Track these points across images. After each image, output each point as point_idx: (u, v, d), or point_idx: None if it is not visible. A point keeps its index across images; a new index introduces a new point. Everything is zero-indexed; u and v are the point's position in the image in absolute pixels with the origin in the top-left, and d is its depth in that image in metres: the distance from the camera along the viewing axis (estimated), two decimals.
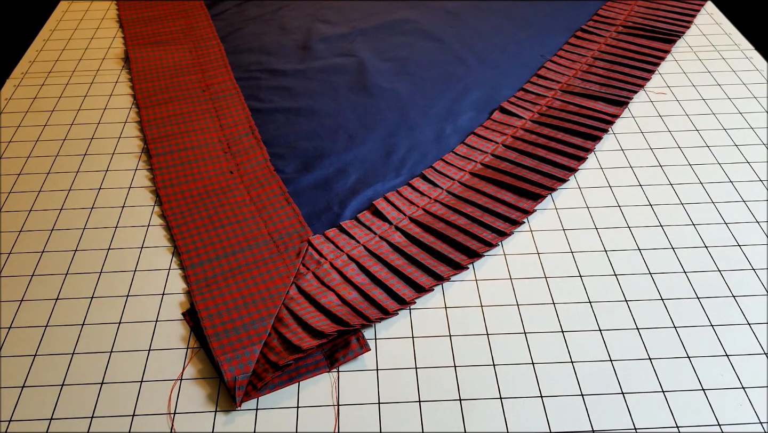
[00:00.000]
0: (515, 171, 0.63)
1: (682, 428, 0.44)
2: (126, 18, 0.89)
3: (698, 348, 0.49)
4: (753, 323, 0.51)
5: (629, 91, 0.73)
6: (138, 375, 0.47)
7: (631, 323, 0.51)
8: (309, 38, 0.85)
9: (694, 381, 0.47)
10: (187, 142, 0.68)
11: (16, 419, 0.45)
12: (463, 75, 0.78)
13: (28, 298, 0.53)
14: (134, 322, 0.51)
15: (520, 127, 0.69)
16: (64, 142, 0.69)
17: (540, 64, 0.79)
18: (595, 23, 0.85)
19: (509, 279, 0.54)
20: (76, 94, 0.76)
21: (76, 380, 0.47)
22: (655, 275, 0.54)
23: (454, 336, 0.50)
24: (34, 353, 0.49)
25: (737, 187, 0.63)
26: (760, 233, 0.58)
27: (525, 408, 0.45)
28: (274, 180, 0.63)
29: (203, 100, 0.74)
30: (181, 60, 0.80)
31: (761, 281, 0.54)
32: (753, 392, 0.46)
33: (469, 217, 0.59)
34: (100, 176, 0.65)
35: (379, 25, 0.87)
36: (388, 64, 0.80)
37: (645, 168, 0.65)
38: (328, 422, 0.44)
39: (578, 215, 0.60)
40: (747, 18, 0.92)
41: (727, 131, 0.69)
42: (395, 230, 0.58)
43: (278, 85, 0.77)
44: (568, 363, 0.48)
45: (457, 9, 0.91)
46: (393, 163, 0.66)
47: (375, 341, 0.50)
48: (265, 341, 0.49)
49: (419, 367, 0.48)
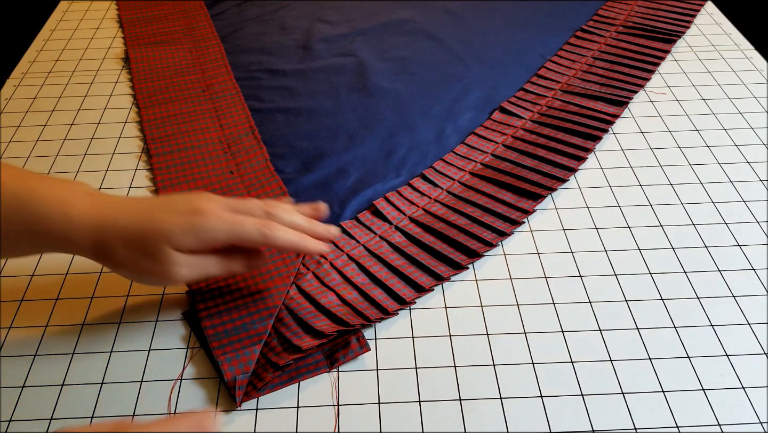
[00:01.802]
0: (515, 171, 0.63)
1: (682, 428, 0.44)
2: (126, 18, 0.89)
3: (698, 348, 0.49)
4: (753, 323, 0.51)
5: (629, 91, 0.73)
6: (138, 375, 0.47)
7: (631, 323, 0.51)
8: (309, 38, 0.85)
9: (694, 381, 0.47)
10: (187, 142, 0.68)
11: (16, 419, 0.45)
12: (463, 75, 0.78)
13: (28, 298, 0.53)
14: (134, 322, 0.51)
15: (520, 127, 0.69)
16: (64, 142, 0.69)
17: (540, 64, 0.79)
18: (595, 23, 0.85)
19: (509, 279, 0.54)
20: (76, 94, 0.76)
21: (76, 380, 0.47)
22: (655, 275, 0.54)
23: (454, 336, 0.50)
24: (34, 353, 0.49)
25: (737, 187, 0.63)
26: (760, 233, 0.58)
27: (525, 408, 0.45)
28: (274, 180, 0.63)
29: (203, 100, 0.74)
30: (181, 60, 0.80)
31: (761, 281, 0.54)
32: (753, 392, 0.46)
33: (469, 217, 0.59)
34: (100, 176, 0.65)
35: (379, 25, 0.87)
36: (388, 64, 0.80)
37: (645, 168, 0.65)
38: (328, 422, 0.44)
39: (578, 215, 0.60)
40: (747, 18, 0.93)
41: (727, 131, 0.69)
42: (395, 230, 0.58)
43: (278, 85, 0.77)
44: (568, 363, 0.48)
45: (457, 9, 0.91)
46: (393, 163, 0.66)
47: (375, 341, 0.50)
48: (265, 341, 0.49)
49: (419, 367, 0.48)
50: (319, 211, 0.51)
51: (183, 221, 0.43)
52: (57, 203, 0.43)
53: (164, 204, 0.45)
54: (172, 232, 0.42)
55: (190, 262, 0.44)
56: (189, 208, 0.43)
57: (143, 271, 0.44)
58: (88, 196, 0.44)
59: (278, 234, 0.45)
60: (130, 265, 0.44)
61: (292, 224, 0.48)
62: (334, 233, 0.51)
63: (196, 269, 0.45)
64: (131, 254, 0.43)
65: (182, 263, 0.44)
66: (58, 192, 0.43)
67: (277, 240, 0.45)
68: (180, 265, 0.43)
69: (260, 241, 0.45)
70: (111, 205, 0.44)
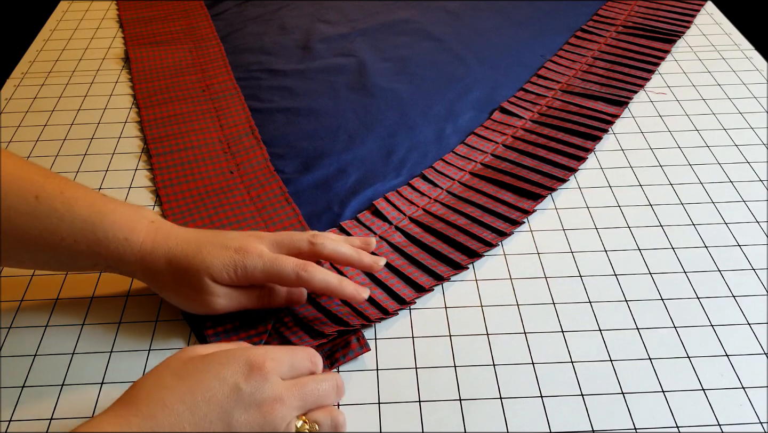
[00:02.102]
0: (515, 171, 0.63)
1: (682, 428, 0.44)
2: (126, 18, 0.89)
3: (698, 348, 0.49)
4: (753, 323, 0.51)
5: (629, 91, 0.73)
6: (138, 375, 0.47)
7: (631, 323, 0.51)
8: (309, 38, 0.85)
9: (694, 381, 0.47)
10: (187, 142, 0.68)
11: (16, 419, 0.45)
12: (463, 75, 0.78)
13: (28, 298, 0.53)
14: (134, 322, 0.51)
15: (520, 127, 0.69)
16: (64, 143, 0.69)
17: (540, 64, 0.79)
18: (595, 23, 0.85)
19: (509, 279, 0.54)
20: (76, 94, 0.76)
21: (76, 380, 0.47)
22: (655, 275, 0.54)
23: (454, 336, 0.50)
24: (34, 353, 0.49)
25: (737, 187, 0.63)
26: (760, 233, 0.58)
27: (525, 408, 0.45)
28: (274, 180, 0.63)
29: (203, 100, 0.74)
30: (181, 60, 0.80)
31: (761, 281, 0.54)
32: (753, 392, 0.46)
33: (469, 217, 0.59)
34: (100, 176, 0.65)
35: (379, 25, 0.87)
36: (388, 64, 0.80)
37: (645, 168, 0.65)
38: None
39: (578, 215, 0.60)
40: (747, 18, 0.93)
41: (727, 131, 0.69)
42: (395, 230, 0.58)
43: (278, 85, 0.77)
44: (568, 363, 0.48)
45: (457, 9, 0.91)
46: (393, 163, 0.66)
47: (375, 341, 0.50)
48: (265, 341, 0.49)
49: (419, 367, 0.48)
50: (369, 245, 0.53)
51: (226, 257, 0.46)
52: (121, 230, 0.46)
53: (214, 238, 0.48)
54: (213, 265, 0.46)
55: (228, 293, 0.47)
56: (235, 246, 0.47)
57: (184, 297, 0.48)
58: (151, 223, 0.48)
59: (314, 276, 0.47)
60: (173, 290, 0.48)
61: (336, 253, 0.49)
62: (381, 265, 0.51)
63: (234, 300, 0.48)
64: (175, 281, 0.47)
65: (220, 293, 0.47)
66: (124, 219, 0.47)
67: (313, 282, 0.47)
68: (218, 295, 0.47)
69: (295, 282, 0.47)
70: (167, 233, 0.48)
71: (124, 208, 0.48)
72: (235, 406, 0.37)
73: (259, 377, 0.38)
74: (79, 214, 0.45)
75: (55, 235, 0.45)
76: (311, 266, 0.47)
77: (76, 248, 0.46)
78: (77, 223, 0.45)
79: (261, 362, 0.39)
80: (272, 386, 0.38)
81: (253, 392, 0.38)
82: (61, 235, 0.45)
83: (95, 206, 0.46)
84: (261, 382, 0.38)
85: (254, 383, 0.38)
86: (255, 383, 0.38)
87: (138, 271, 0.48)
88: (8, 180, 0.45)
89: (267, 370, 0.38)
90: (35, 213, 0.45)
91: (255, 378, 0.38)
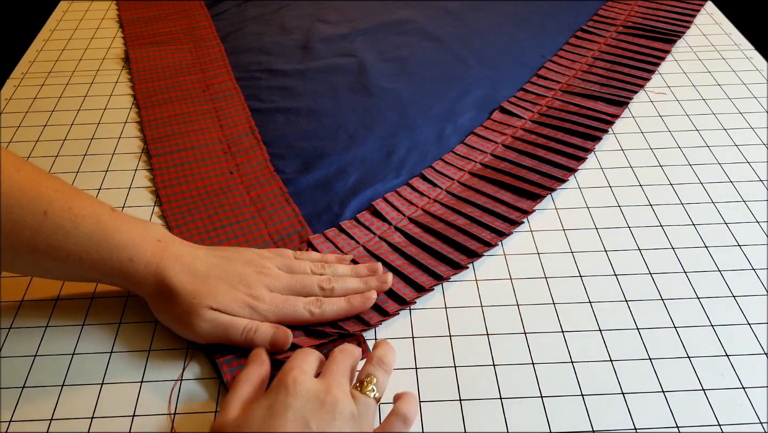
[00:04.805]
0: (515, 171, 0.63)
1: (682, 428, 0.44)
2: (126, 18, 0.89)
3: (698, 348, 0.49)
4: (753, 323, 0.51)
5: (629, 91, 0.73)
6: (138, 375, 0.47)
7: (631, 323, 0.51)
8: (309, 38, 0.85)
9: (694, 381, 0.47)
10: (187, 143, 0.68)
11: (16, 419, 0.45)
12: (463, 75, 0.78)
13: (28, 298, 0.53)
14: (134, 322, 0.51)
15: (520, 127, 0.69)
16: (64, 143, 0.69)
17: (540, 64, 0.79)
18: (595, 23, 0.85)
19: (509, 279, 0.54)
20: (76, 94, 0.76)
21: (75, 380, 0.47)
22: (655, 275, 0.54)
23: (454, 336, 0.50)
24: (34, 354, 0.49)
25: (737, 187, 0.63)
26: (760, 233, 0.58)
27: (525, 408, 0.45)
28: (274, 180, 0.63)
29: (203, 100, 0.74)
30: (181, 60, 0.80)
31: (761, 281, 0.54)
32: (753, 392, 0.46)
33: (468, 217, 0.59)
34: (100, 176, 0.65)
35: (379, 25, 0.87)
36: (388, 64, 0.80)
37: (645, 168, 0.65)
38: None
39: (578, 215, 0.60)
40: (747, 18, 0.93)
41: (727, 131, 0.69)
42: (395, 230, 0.58)
43: (278, 85, 0.77)
44: (568, 363, 0.48)
45: (457, 9, 0.91)
46: (393, 163, 0.66)
47: (375, 341, 0.50)
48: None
49: (419, 367, 0.48)
50: (376, 271, 0.53)
51: (238, 299, 0.47)
52: (125, 249, 0.46)
53: (221, 271, 0.48)
54: (224, 302, 0.46)
55: (215, 322, 0.47)
56: (246, 292, 0.47)
57: (176, 320, 0.47)
58: (158, 243, 0.48)
59: (326, 309, 0.48)
60: (164, 314, 0.48)
61: (345, 290, 0.50)
62: (389, 282, 0.52)
63: (219, 330, 0.47)
64: (173, 309, 0.47)
65: (207, 318, 0.47)
66: (130, 239, 0.47)
67: (326, 315, 0.48)
68: (205, 320, 0.47)
69: (311, 320, 0.48)
70: (174, 256, 0.47)
71: (131, 226, 0.47)
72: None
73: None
74: (85, 232, 0.45)
75: (61, 251, 0.45)
76: (321, 301, 0.49)
77: (80, 265, 0.46)
78: (82, 241, 0.45)
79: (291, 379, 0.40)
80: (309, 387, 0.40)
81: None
82: (66, 252, 0.46)
83: (101, 223, 0.46)
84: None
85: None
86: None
87: (139, 290, 0.48)
88: (19, 195, 0.45)
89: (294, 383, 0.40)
90: (42, 229, 0.45)
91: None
